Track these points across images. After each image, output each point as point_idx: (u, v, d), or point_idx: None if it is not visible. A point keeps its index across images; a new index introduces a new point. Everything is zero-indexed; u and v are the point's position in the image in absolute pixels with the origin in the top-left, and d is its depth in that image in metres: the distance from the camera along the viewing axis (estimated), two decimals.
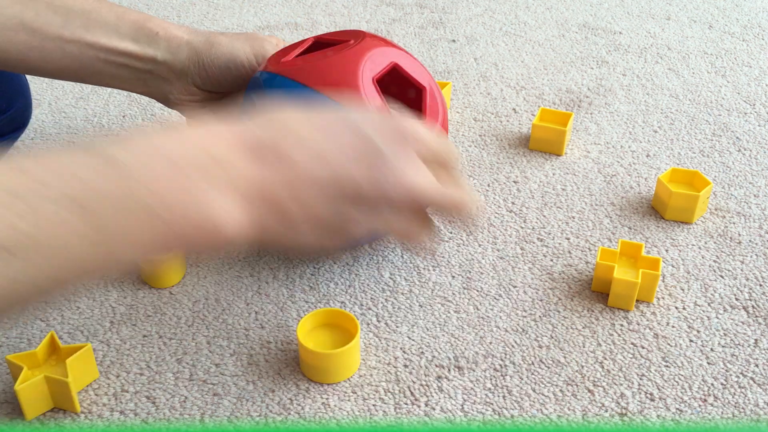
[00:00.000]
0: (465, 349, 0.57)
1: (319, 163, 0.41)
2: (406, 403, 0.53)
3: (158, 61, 0.64)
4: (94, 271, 0.36)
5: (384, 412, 0.53)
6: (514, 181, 0.76)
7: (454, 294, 0.62)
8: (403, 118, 0.46)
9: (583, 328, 0.59)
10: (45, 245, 0.33)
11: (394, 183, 0.43)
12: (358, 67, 0.58)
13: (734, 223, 0.70)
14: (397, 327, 0.59)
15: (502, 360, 0.56)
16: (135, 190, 0.36)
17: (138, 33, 0.63)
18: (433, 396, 0.54)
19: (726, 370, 0.55)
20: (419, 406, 0.53)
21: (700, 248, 0.67)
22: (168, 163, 0.37)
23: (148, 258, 0.38)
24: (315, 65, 0.58)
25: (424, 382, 0.55)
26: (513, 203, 0.73)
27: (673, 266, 0.65)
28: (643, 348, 0.57)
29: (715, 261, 0.65)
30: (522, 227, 0.70)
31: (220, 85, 0.66)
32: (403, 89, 0.63)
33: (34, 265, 0.33)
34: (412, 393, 0.54)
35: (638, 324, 0.59)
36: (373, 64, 0.59)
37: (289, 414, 0.52)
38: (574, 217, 0.71)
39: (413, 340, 0.58)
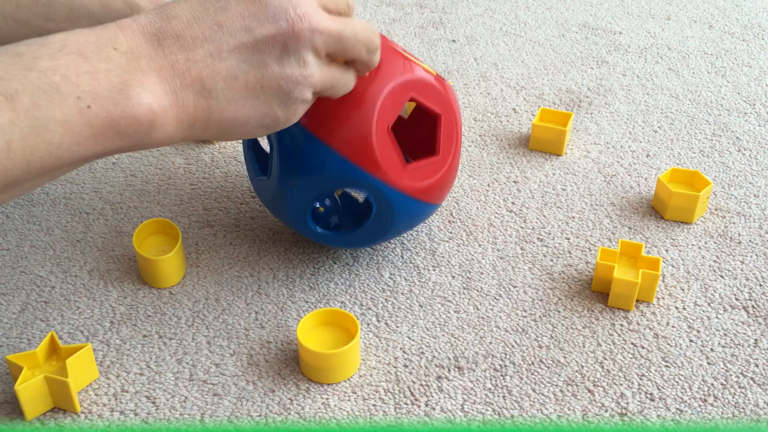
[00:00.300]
0: (465, 349, 0.57)
1: (217, 32, 0.43)
2: (406, 403, 0.53)
3: None
4: (40, 164, 0.38)
5: (384, 412, 0.53)
6: (514, 181, 0.76)
7: (454, 294, 0.62)
8: None
9: (583, 328, 0.59)
10: None
11: (292, 21, 0.44)
12: (372, 117, 0.53)
13: (734, 223, 0.70)
14: (397, 327, 0.59)
15: (502, 360, 0.56)
16: (54, 79, 0.38)
17: None
18: (433, 396, 0.54)
19: (726, 370, 0.55)
20: (419, 406, 0.53)
21: (700, 248, 0.67)
22: (77, 57, 0.39)
23: (93, 155, 0.40)
24: (328, 109, 0.53)
25: (424, 382, 0.55)
26: (513, 203, 0.73)
27: (673, 266, 0.65)
28: (643, 348, 0.57)
29: (715, 261, 0.65)
30: (522, 227, 0.70)
31: None
32: (418, 110, 0.63)
33: None
34: (412, 393, 0.54)
35: (638, 324, 0.59)
36: (389, 105, 0.54)
37: (289, 414, 0.52)
38: (574, 217, 0.71)
39: (413, 340, 0.58)
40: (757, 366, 0.56)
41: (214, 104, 0.44)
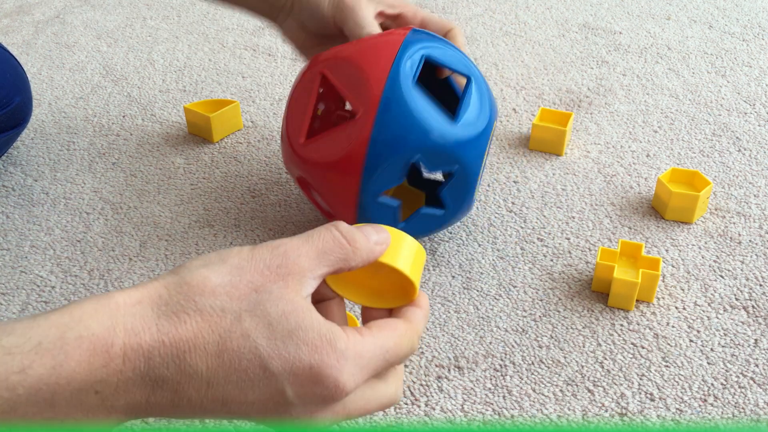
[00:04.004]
0: (465, 349, 0.57)
1: (218, 406, 0.37)
2: (406, 403, 0.53)
3: None
4: None
5: (384, 412, 0.53)
6: (514, 181, 0.76)
7: (454, 294, 0.62)
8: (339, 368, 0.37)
9: (583, 328, 0.59)
10: None
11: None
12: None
13: (734, 223, 0.70)
14: None
15: (502, 360, 0.56)
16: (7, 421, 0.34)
17: None
18: (433, 396, 0.54)
19: (726, 370, 0.55)
20: (419, 406, 0.53)
21: (700, 248, 0.67)
22: (46, 404, 0.35)
23: None
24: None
25: (424, 382, 0.55)
26: (513, 203, 0.73)
27: (673, 266, 0.65)
28: (643, 348, 0.57)
29: (715, 261, 0.65)
30: (522, 227, 0.70)
31: (310, 24, 0.66)
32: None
33: None
34: (412, 393, 0.54)
35: (638, 324, 0.59)
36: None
37: None
38: (574, 217, 0.71)
39: None
40: (757, 366, 0.56)
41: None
